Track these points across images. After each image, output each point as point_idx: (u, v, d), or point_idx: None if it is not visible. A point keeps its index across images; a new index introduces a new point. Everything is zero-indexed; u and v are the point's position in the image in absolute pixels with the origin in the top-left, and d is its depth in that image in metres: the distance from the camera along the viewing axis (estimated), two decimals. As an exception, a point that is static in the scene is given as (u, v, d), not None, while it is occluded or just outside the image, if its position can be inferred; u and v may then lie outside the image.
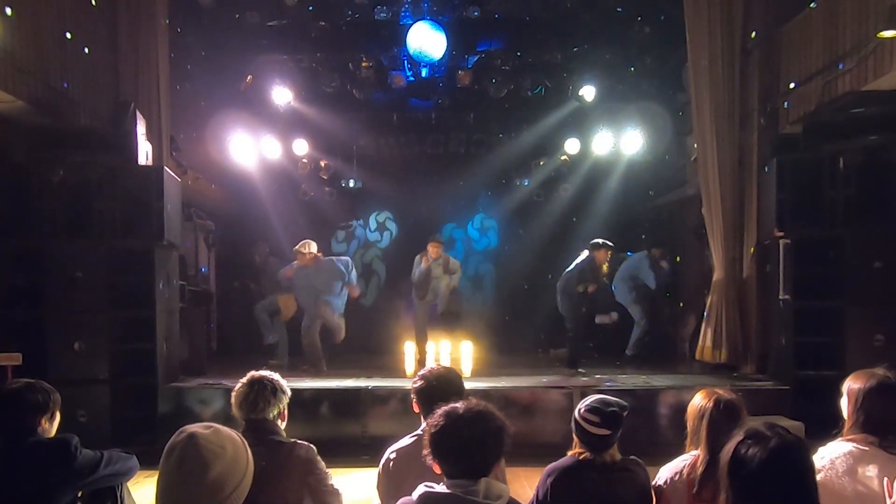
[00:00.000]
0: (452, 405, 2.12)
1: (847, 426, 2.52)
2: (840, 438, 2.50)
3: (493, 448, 2.06)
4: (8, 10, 5.67)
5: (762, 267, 7.36)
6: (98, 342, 6.29)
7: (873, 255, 6.20)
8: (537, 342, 11.06)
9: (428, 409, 2.66)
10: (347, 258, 8.84)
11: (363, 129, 11.32)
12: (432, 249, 8.75)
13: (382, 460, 2.91)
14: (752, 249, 7.50)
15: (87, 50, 7.05)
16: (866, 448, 2.39)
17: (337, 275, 8.29)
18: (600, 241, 8.27)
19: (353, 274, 8.57)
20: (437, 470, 2.07)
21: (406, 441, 2.90)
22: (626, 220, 11.52)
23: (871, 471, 2.34)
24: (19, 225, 6.21)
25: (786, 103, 7.21)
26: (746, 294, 7.60)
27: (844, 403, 2.57)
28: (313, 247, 8.30)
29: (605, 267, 8.40)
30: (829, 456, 2.42)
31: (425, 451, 2.10)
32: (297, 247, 8.30)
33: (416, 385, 2.96)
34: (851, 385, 2.54)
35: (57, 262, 6.27)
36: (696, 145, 8.08)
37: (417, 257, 8.91)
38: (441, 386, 2.84)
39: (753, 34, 7.59)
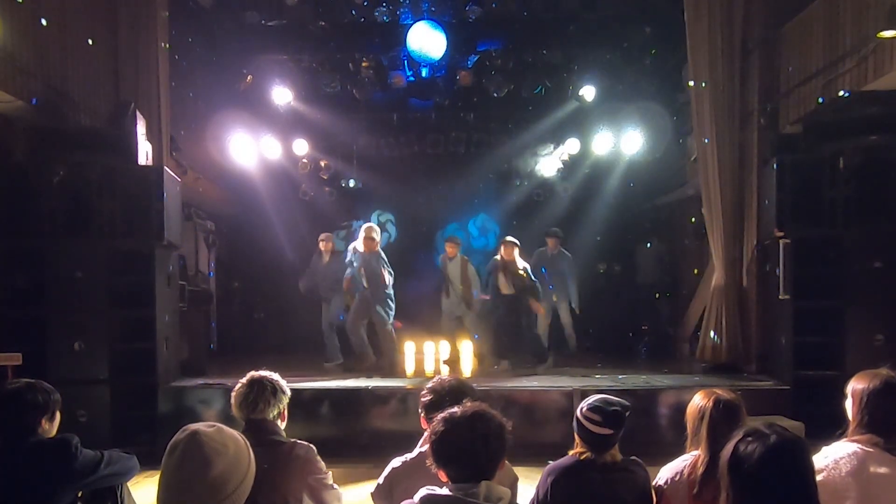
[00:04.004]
0: (450, 410, 2.12)
1: (851, 427, 2.51)
2: (844, 439, 2.49)
3: (495, 447, 2.07)
4: (43, 21, 5.72)
5: (762, 267, 7.36)
6: (98, 342, 6.28)
7: (873, 255, 6.20)
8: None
9: None
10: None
11: (363, 129, 11.33)
12: (449, 248, 8.92)
13: (385, 472, 2.90)
14: (753, 249, 7.50)
15: (90, 45, 7.05)
16: (871, 449, 2.38)
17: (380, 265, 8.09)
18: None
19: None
20: (444, 478, 2.07)
21: (408, 457, 2.87)
22: (626, 220, 11.53)
23: (875, 472, 2.32)
24: (19, 225, 6.20)
25: (821, 99, 7.07)
26: (746, 294, 7.61)
27: (849, 404, 2.55)
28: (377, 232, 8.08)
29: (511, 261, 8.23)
30: (833, 456, 2.41)
31: (429, 461, 2.10)
32: (365, 232, 7.90)
33: (424, 398, 2.83)
34: (855, 386, 2.53)
35: (57, 262, 6.26)
36: (696, 145, 8.09)
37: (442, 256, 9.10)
38: (451, 398, 2.65)
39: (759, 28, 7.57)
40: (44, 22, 5.82)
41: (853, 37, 6.05)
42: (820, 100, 6.64)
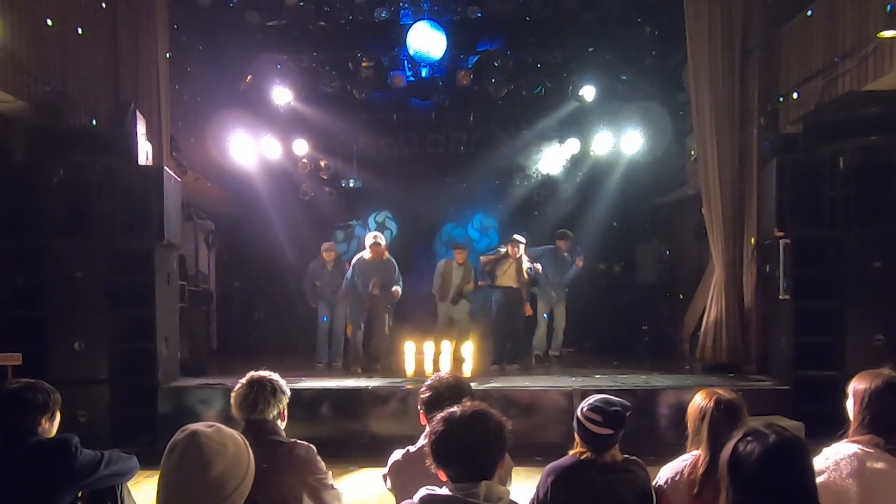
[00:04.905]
0: (449, 410, 2.11)
1: (852, 427, 2.49)
2: (845, 440, 2.47)
3: (494, 447, 2.06)
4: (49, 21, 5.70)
5: (762, 267, 7.36)
6: (98, 342, 6.27)
7: (873, 255, 6.19)
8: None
9: None
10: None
11: (363, 129, 11.33)
12: (458, 255, 9.05)
13: (391, 460, 2.92)
14: (753, 248, 7.50)
15: (90, 46, 7.05)
16: (871, 450, 2.36)
17: (395, 273, 8.33)
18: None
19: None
20: (443, 477, 2.07)
21: (410, 450, 2.89)
22: (626, 219, 11.54)
23: (876, 473, 2.31)
24: (19, 225, 6.20)
25: (796, 94, 7.11)
26: (746, 294, 7.60)
27: (850, 404, 2.53)
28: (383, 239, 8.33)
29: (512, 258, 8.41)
30: (834, 457, 2.38)
31: (428, 461, 2.10)
32: (371, 240, 8.14)
33: (423, 395, 2.87)
34: (857, 386, 2.51)
35: (57, 262, 6.25)
36: (696, 145, 8.08)
37: (439, 265, 9.22)
38: (450, 395, 2.71)
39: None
40: (49, 22, 5.77)
41: (853, 37, 6.05)
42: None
